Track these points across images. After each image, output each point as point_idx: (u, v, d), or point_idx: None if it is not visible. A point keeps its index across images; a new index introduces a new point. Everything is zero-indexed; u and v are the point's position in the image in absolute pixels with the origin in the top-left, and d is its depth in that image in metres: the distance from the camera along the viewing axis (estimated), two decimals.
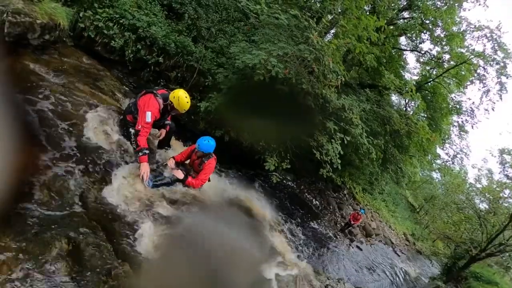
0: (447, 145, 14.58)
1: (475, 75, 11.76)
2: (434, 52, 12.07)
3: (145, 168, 3.46)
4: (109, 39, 5.39)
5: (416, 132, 8.82)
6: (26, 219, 2.35)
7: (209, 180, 4.27)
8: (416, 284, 11.95)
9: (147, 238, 3.01)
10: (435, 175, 27.43)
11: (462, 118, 13.18)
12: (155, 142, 4.41)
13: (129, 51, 5.66)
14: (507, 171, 13.60)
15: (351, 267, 8.52)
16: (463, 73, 11.94)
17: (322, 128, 6.19)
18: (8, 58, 3.78)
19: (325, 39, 6.92)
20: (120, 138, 3.92)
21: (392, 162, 10.11)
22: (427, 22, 10.89)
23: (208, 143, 3.91)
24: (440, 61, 11.89)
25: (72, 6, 5.03)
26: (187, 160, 4.24)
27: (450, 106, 12.86)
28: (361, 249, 10.55)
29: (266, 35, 6.09)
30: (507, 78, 11.18)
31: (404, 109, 12.74)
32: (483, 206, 14.25)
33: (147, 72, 6.12)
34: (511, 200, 13.08)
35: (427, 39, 11.79)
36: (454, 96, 13.01)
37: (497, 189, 13.78)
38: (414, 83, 11.12)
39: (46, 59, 4.30)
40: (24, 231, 2.26)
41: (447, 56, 11.74)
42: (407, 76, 13.83)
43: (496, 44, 10.79)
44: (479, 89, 11.97)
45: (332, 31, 9.91)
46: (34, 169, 2.78)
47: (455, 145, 14.45)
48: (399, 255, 14.01)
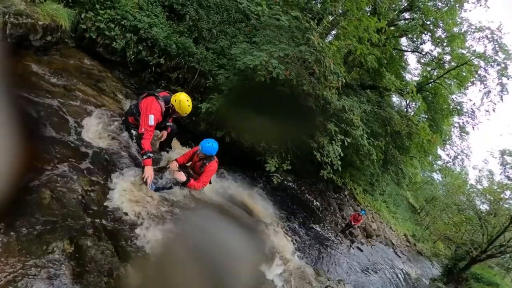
0: (448, 146, 14.59)
1: (476, 76, 11.75)
2: (435, 53, 12.08)
3: (149, 172, 3.47)
4: (111, 40, 5.41)
5: (417, 133, 8.83)
6: (28, 220, 2.35)
7: (210, 183, 4.28)
8: (416, 285, 11.94)
9: (149, 239, 3.01)
10: (436, 176, 27.43)
11: (463, 119, 13.19)
12: (156, 144, 4.42)
13: (131, 52, 5.67)
14: (508, 172, 13.65)
15: (351, 268, 8.51)
16: (464, 74, 11.92)
17: (322, 129, 6.19)
18: (10, 59, 3.80)
19: (326, 41, 6.93)
20: (122, 140, 3.93)
21: (393, 163, 10.12)
22: (428, 23, 10.89)
23: (211, 146, 3.92)
24: (441, 62, 11.87)
25: (74, 8, 5.05)
26: (189, 163, 4.25)
27: (451, 107, 12.84)
28: (361, 250, 10.54)
29: (267, 36, 6.10)
30: (508, 79, 11.16)
31: (405, 110, 12.72)
32: (484, 208, 14.31)
33: (148, 73, 6.13)
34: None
35: (428, 40, 11.80)
36: (455, 97, 13.01)
37: (498, 190, 13.81)
38: (415, 84, 11.11)
39: (48, 60, 4.33)
40: (26, 232, 2.27)
41: (448, 57, 11.72)
42: (408, 77, 13.82)
43: (497, 45, 10.78)
44: (480, 90, 11.97)
45: (333, 32, 9.90)
46: (36, 170, 2.79)
47: (456, 146, 14.47)
48: (399, 256, 13.99)
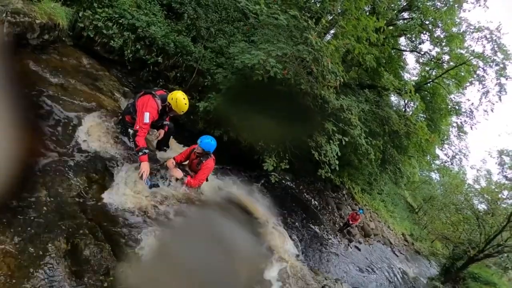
0: (446, 146, 14.67)
1: (475, 76, 11.80)
2: (433, 53, 12.12)
3: (145, 167, 3.47)
4: (109, 38, 5.40)
5: (415, 133, 8.85)
6: (25, 219, 2.35)
7: (206, 180, 4.29)
8: (414, 285, 11.97)
9: (145, 238, 3.01)
10: (434, 175, 27.57)
11: (461, 119, 13.28)
12: (154, 143, 4.42)
13: (128, 51, 5.67)
14: (505, 172, 13.72)
15: (349, 267, 8.53)
16: (462, 74, 11.97)
17: (321, 128, 6.21)
18: (7, 57, 3.79)
19: (324, 40, 6.93)
20: (119, 139, 3.92)
21: (391, 163, 10.13)
22: (427, 22, 10.91)
23: (210, 142, 3.94)
24: (440, 62, 11.91)
25: (72, 6, 5.05)
26: (186, 161, 4.25)
27: (449, 107, 12.90)
28: (359, 249, 10.57)
29: (265, 35, 6.11)
30: (507, 79, 11.23)
31: (403, 109, 12.75)
32: (482, 207, 14.37)
33: (146, 72, 6.12)
34: (509, 201, 13.17)
35: (427, 40, 11.83)
36: (453, 97, 13.08)
37: (496, 190, 13.87)
38: (413, 83, 11.11)
39: (45, 59, 4.31)
40: (23, 231, 2.27)
41: (446, 57, 11.76)
42: (406, 77, 13.87)
43: (495, 45, 10.82)
44: (478, 90, 12.04)
45: (331, 32, 9.90)
46: (32, 168, 2.79)
47: (454, 146, 14.57)
48: (397, 255, 14.01)
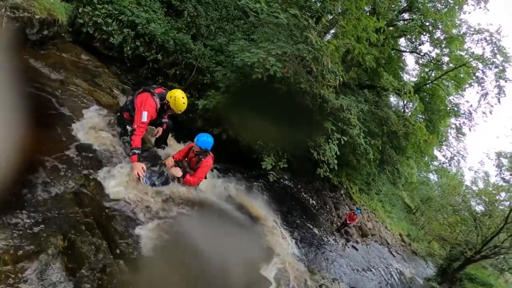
0: (444, 147, 14.73)
1: (474, 78, 11.84)
2: (433, 54, 12.15)
3: (137, 168, 3.42)
4: (108, 35, 5.39)
5: (413, 134, 8.88)
6: (21, 216, 2.34)
7: (205, 178, 4.29)
8: (411, 285, 12.00)
9: (143, 236, 3.01)
10: (432, 176, 27.64)
11: (459, 120, 13.33)
12: (152, 140, 4.40)
13: (128, 47, 5.65)
14: (503, 174, 13.77)
15: (346, 267, 8.55)
16: (462, 75, 11.99)
17: (319, 128, 6.21)
18: (6, 53, 3.77)
19: (324, 39, 6.92)
20: (117, 136, 3.91)
21: (389, 163, 10.16)
22: (427, 24, 10.93)
23: (206, 139, 3.93)
24: (439, 63, 11.93)
25: (71, 2, 5.04)
26: (185, 159, 4.24)
27: (448, 108, 12.94)
28: (356, 249, 10.59)
29: (266, 34, 6.09)
30: (506, 81, 11.28)
31: (402, 110, 12.79)
32: (479, 209, 14.41)
33: (146, 69, 6.11)
34: (506, 203, 13.19)
35: (427, 41, 11.86)
36: (452, 99, 13.12)
37: (493, 191, 13.91)
38: (412, 84, 11.18)
39: (45, 55, 4.30)
40: (19, 228, 2.26)
41: (446, 59, 11.80)
42: (405, 78, 13.91)
43: (495, 48, 10.86)
44: (477, 92, 12.10)
45: (331, 31, 9.90)
46: (29, 165, 2.77)
47: (452, 147, 14.63)
48: (394, 256, 14.06)
